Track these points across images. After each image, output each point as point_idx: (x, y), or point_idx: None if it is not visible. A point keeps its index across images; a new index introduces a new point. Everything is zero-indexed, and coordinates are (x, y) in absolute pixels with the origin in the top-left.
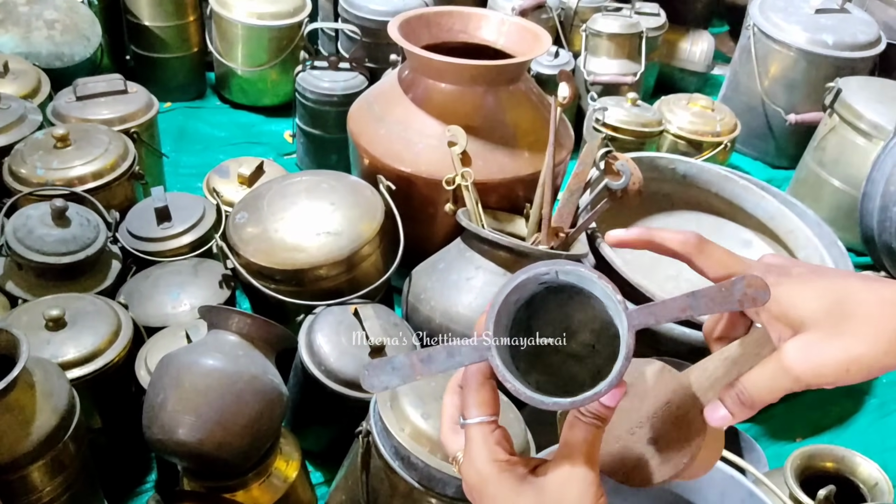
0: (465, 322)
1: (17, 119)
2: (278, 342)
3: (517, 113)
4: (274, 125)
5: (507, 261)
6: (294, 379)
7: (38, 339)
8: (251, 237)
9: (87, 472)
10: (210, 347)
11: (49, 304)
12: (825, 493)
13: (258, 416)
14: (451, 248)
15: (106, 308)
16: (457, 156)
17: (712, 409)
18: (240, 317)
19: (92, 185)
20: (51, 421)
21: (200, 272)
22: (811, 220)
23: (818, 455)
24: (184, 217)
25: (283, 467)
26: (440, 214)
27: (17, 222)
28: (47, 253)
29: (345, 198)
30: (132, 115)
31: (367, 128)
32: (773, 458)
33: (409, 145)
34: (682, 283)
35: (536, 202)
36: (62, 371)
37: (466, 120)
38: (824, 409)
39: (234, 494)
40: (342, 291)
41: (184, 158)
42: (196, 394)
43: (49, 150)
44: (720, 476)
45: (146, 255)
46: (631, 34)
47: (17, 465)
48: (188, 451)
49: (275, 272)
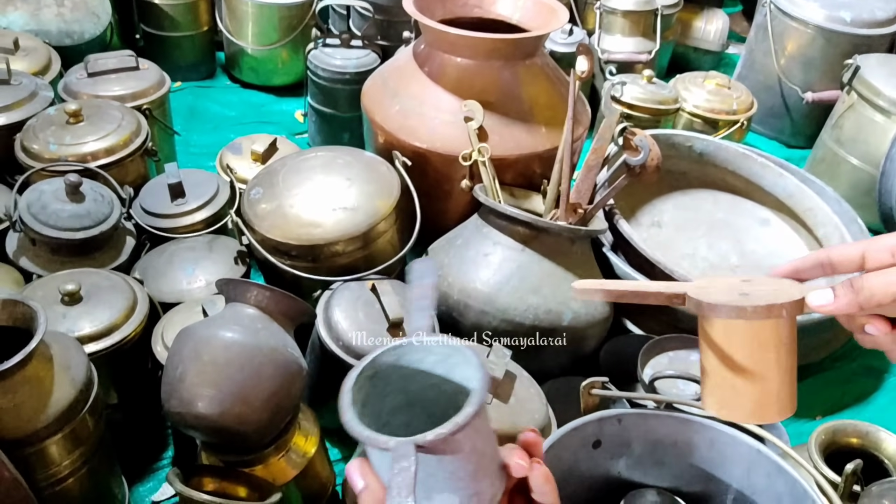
0: (482, 298)
1: (28, 95)
2: (297, 316)
3: (534, 88)
4: (285, 105)
5: (525, 236)
6: (311, 355)
7: (54, 313)
8: (266, 213)
9: (105, 447)
10: (229, 320)
11: (64, 279)
12: (853, 468)
13: (278, 389)
14: (468, 225)
15: (121, 283)
16: (473, 131)
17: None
18: (258, 290)
19: (105, 160)
20: (69, 394)
21: (215, 248)
22: (830, 198)
23: (842, 430)
24: (198, 193)
25: (302, 443)
26: (456, 191)
27: (30, 197)
28: (62, 228)
29: (360, 173)
30: (144, 92)
31: (382, 104)
32: (793, 435)
33: (424, 121)
34: (698, 262)
35: (554, 178)
36: (80, 345)
37: (483, 95)
38: (844, 387)
39: (252, 469)
40: (358, 268)
41: (194, 138)
42: (215, 367)
43: (62, 126)
44: (746, 450)
45: (160, 231)
46: (646, 11)
47: (36, 439)
48: (208, 424)
49: (290, 248)
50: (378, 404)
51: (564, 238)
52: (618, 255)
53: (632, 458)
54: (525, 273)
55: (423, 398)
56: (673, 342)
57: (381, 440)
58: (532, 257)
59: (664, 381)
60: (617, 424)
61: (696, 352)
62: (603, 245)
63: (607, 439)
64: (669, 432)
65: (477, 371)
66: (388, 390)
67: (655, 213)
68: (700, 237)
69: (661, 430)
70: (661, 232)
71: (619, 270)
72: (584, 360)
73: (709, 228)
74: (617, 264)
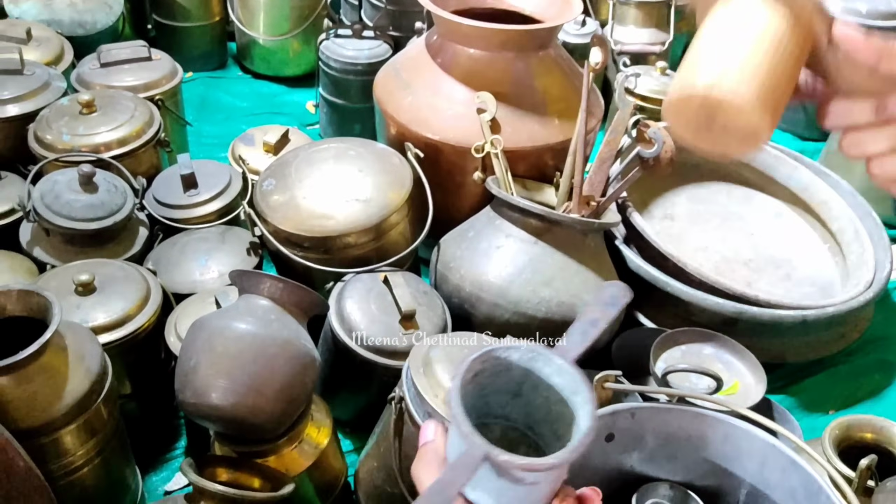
0: (494, 291)
1: (41, 85)
2: (310, 308)
3: (547, 80)
4: (296, 95)
5: (538, 229)
6: (323, 346)
7: (68, 303)
8: (279, 204)
9: (119, 437)
10: (242, 312)
11: (78, 269)
12: (867, 463)
13: (291, 380)
14: (480, 217)
15: (135, 274)
16: (486, 123)
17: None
18: (272, 281)
19: (118, 151)
20: (83, 384)
21: (228, 239)
22: (845, 191)
23: (856, 425)
24: (210, 184)
25: (315, 434)
26: (468, 183)
27: (44, 188)
28: (75, 219)
29: (372, 165)
30: (156, 83)
31: (394, 95)
32: (807, 430)
33: (436, 112)
34: (711, 254)
35: (567, 170)
36: (94, 335)
37: (496, 86)
38: (858, 381)
39: (265, 460)
40: (370, 260)
41: (206, 128)
42: (229, 358)
43: (75, 117)
44: (760, 444)
45: (173, 222)
46: (659, 2)
47: (50, 428)
48: (221, 415)
49: (303, 239)
50: (489, 384)
51: (577, 231)
52: (630, 248)
53: (644, 452)
54: (537, 265)
55: (529, 396)
56: (686, 335)
57: (465, 428)
58: (545, 250)
59: (677, 375)
60: (630, 418)
61: (709, 346)
62: (616, 238)
63: (620, 433)
64: (682, 426)
65: (586, 420)
66: (504, 379)
67: (668, 205)
68: (713, 230)
69: (674, 423)
70: (673, 225)
71: (632, 264)
72: (596, 353)
73: (722, 221)
74: (629, 257)
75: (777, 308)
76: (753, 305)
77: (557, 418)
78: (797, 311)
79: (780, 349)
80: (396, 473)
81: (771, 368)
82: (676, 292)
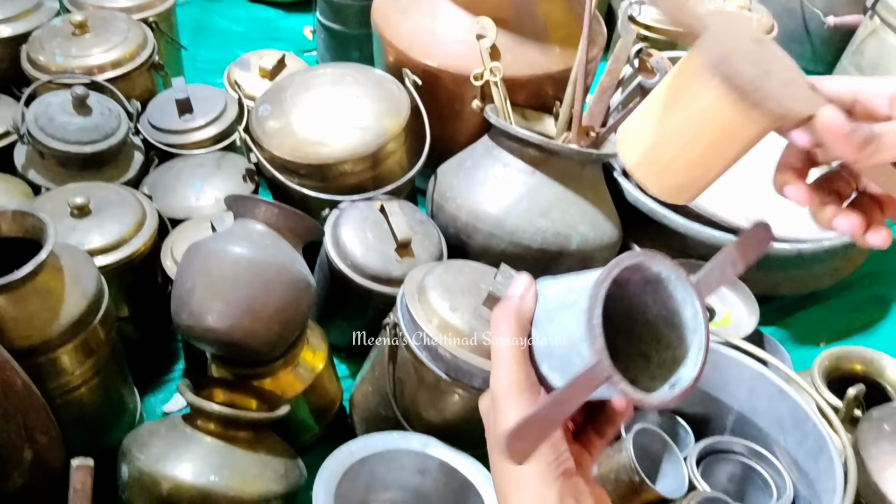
0: (491, 221)
1: (33, 6)
2: (306, 233)
3: (549, 6)
4: (293, 20)
5: (536, 159)
6: (319, 273)
7: (64, 226)
8: (275, 130)
9: (117, 358)
10: (237, 236)
11: (73, 192)
12: (854, 392)
13: (286, 304)
14: (477, 146)
15: (130, 198)
16: (485, 49)
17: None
18: (267, 206)
19: (111, 74)
20: (80, 305)
21: (223, 165)
22: None
23: (846, 357)
24: (205, 109)
25: (311, 358)
26: (466, 112)
27: (37, 110)
28: (69, 141)
29: (370, 92)
30: (150, 4)
31: (392, 20)
32: (797, 361)
33: (435, 38)
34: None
35: (567, 100)
36: (89, 257)
37: (496, 11)
38: (851, 315)
39: (262, 382)
40: (366, 188)
41: (201, 53)
42: (224, 281)
43: (67, 38)
44: (749, 373)
45: (168, 147)
46: None
47: (47, 348)
48: (217, 337)
49: (299, 166)
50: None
51: (575, 161)
52: (628, 179)
53: None
54: (534, 196)
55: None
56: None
57: (599, 345)
58: (542, 180)
59: None
60: None
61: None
62: (614, 169)
63: None
64: None
65: (696, 365)
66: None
67: None
68: None
69: None
70: None
71: (630, 196)
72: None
73: None
74: (627, 189)
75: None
76: None
77: (651, 339)
78: (793, 244)
79: (774, 282)
80: (390, 397)
81: (764, 301)
82: (673, 225)
